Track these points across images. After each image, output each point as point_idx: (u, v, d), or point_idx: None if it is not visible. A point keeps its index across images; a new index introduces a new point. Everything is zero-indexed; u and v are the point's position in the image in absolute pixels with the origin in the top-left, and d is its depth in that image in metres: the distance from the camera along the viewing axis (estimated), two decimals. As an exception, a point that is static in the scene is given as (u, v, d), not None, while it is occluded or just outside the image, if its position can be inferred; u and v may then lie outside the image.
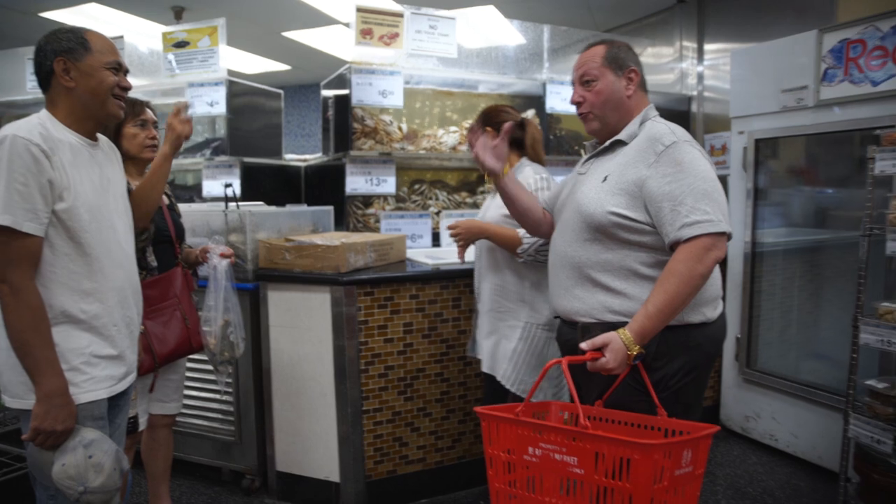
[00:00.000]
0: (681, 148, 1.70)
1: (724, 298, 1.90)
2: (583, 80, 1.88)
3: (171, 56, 4.13)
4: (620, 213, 1.73)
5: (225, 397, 3.02)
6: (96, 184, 1.78)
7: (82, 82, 1.71)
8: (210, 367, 3.02)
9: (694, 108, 4.86)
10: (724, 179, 3.69)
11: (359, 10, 3.57)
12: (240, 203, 3.19)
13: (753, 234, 3.51)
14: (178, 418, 3.09)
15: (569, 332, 1.89)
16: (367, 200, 3.85)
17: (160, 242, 2.38)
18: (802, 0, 4.12)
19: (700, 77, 4.86)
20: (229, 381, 2.98)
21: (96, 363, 1.72)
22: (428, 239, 3.74)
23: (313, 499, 2.92)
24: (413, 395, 2.89)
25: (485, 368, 2.48)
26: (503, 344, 2.40)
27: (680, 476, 1.39)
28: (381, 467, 2.88)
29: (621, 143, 1.83)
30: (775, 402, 3.42)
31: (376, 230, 3.72)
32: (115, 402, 1.85)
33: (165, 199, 2.53)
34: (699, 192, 1.64)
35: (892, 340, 2.36)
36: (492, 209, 2.48)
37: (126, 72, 1.82)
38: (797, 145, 3.43)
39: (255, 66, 7.26)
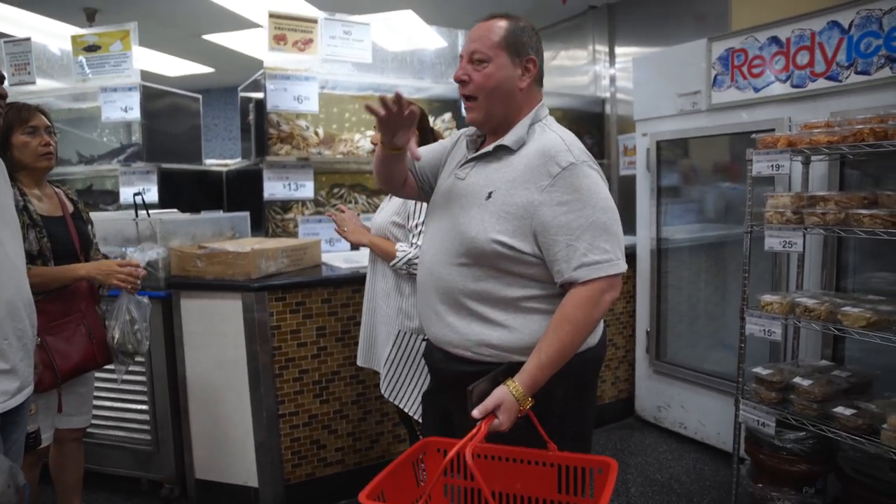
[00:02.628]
0: (579, 171, 1.51)
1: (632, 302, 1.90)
2: (473, 57, 1.59)
3: (82, 60, 4.03)
4: (506, 243, 1.53)
5: (138, 399, 2.99)
6: None
7: None
8: (123, 377, 2.99)
9: (607, 109, 5.04)
10: (632, 179, 3.87)
11: (271, 15, 3.58)
12: (151, 211, 3.16)
13: (658, 231, 3.69)
14: (92, 429, 3.05)
15: (440, 359, 1.72)
16: (286, 205, 3.86)
17: (61, 257, 2.30)
18: (701, 6, 4.34)
19: (612, 80, 5.05)
20: (141, 382, 2.96)
21: None
22: (346, 243, 3.76)
23: (233, 504, 2.93)
24: (329, 398, 2.93)
25: (361, 363, 2.57)
26: (381, 351, 2.45)
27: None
28: (300, 470, 2.91)
29: (508, 151, 1.60)
30: (683, 391, 3.61)
31: (295, 235, 3.74)
32: (10, 418, 1.81)
33: (70, 206, 2.46)
34: (599, 227, 1.49)
35: (772, 329, 2.53)
36: (384, 212, 2.50)
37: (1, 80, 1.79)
38: (698, 146, 3.63)
39: (177, 68, 7.12)
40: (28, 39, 4.18)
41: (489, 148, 1.64)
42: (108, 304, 2.44)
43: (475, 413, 1.43)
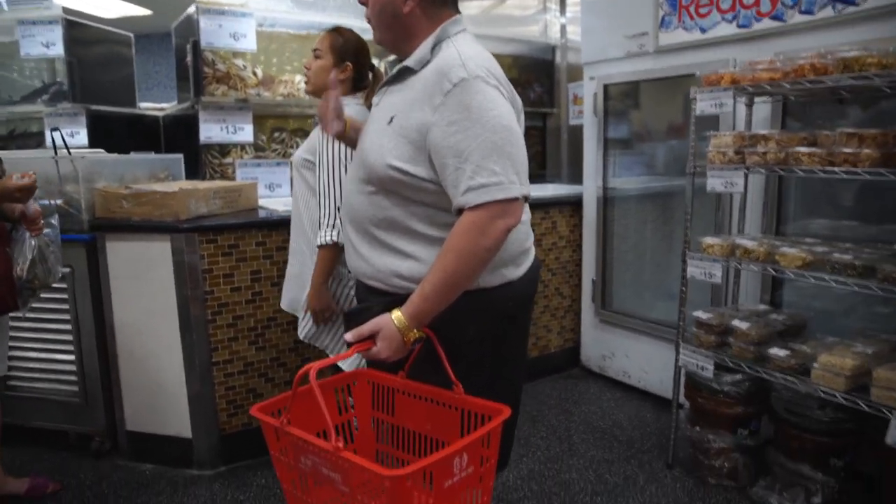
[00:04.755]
0: (471, 87, 1.38)
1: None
2: None
3: (-3, -11, 3.76)
4: (401, 168, 1.45)
5: (63, 349, 2.86)
6: None
7: None
8: (44, 326, 2.86)
9: (558, 58, 4.95)
10: (581, 129, 3.82)
11: (203, -56, 3.36)
12: (73, 150, 2.97)
13: (605, 179, 3.66)
14: (14, 381, 2.92)
15: (360, 291, 1.69)
16: (224, 149, 3.70)
17: None
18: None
19: (563, 28, 4.95)
20: (66, 331, 2.82)
21: None
22: (287, 188, 3.65)
23: (166, 457, 2.83)
24: (265, 345, 2.84)
25: (285, 307, 2.50)
26: (302, 288, 2.32)
27: (453, 485, 1.23)
28: (236, 420, 2.83)
29: (410, 72, 1.52)
30: (628, 340, 3.63)
31: (234, 180, 3.59)
32: None
33: None
34: (488, 147, 1.36)
35: (712, 272, 2.53)
36: (300, 148, 2.36)
37: None
38: (647, 91, 3.58)
39: (110, 9, 6.72)
40: (-62, -32, 3.87)
41: (394, 71, 1.57)
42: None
43: (347, 336, 1.39)
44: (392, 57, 1.62)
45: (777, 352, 2.31)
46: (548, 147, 5.07)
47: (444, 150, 1.39)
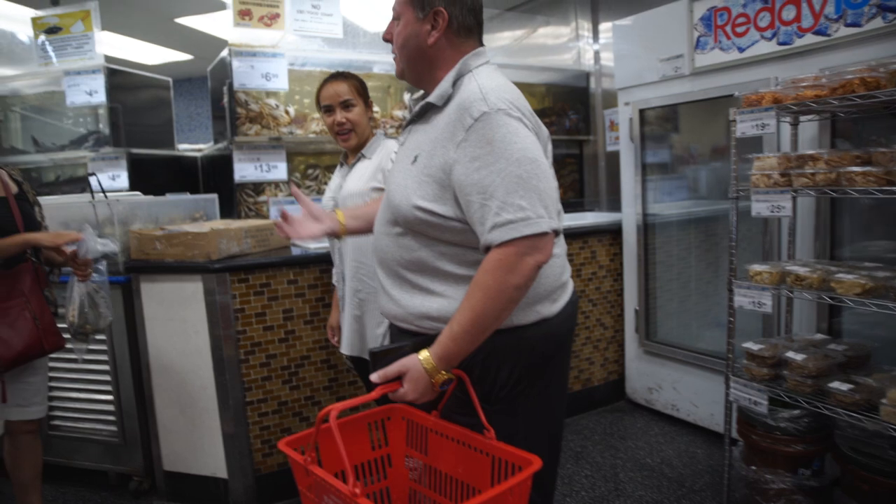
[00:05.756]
0: (493, 121, 1.33)
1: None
2: (393, 14, 1.54)
3: (44, 42, 3.89)
4: (427, 209, 1.41)
5: (102, 389, 2.87)
6: None
7: None
8: (84, 367, 2.88)
9: (592, 84, 4.89)
10: (619, 155, 3.72)
11: (235, -11, 3.43)
12: (113, 194, 3.03)
13: (644, 205, 3.54)
14: (57, 421, 2.95)
15: (393, 334, 1.65)
16: (259, 188, 3.72)
17: (4, 235, 2.20)
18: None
19: (596, 55, 4.89)
20: (104, 371, 2.83)
21: None
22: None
23: (203, 497, 2.80)
24: (299, 384, 2.80)
25: (351, 352, 2.35)
26: (369, 328, 2.28)
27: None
28: (271, 460, 2.78)
29: (433, 108, 1.49)
30: (675, 372, 3.48)
31: (268, 218, 3.60)
32: None
33: (14, 187, 2.36)
34: (513, 181, 1.30)
35: (761, 302, 2.39)
36: (355, 179, 2.31)
37: None
38: (685, 114, 3.48)
39: (154, 56, 6.97)
40: (-12, 24, 4.05)
41: (417, 109, 1.54)
42: (62, 290, 2.33)
43: (373, 377, 1.34)
44: (420, 92, 1.62)
45: (839, 386, 2.14)
46: (585, 175, 4.98)
47: (469, 187, 1.35)
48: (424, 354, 1.34)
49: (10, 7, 5.07)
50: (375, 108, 3.88)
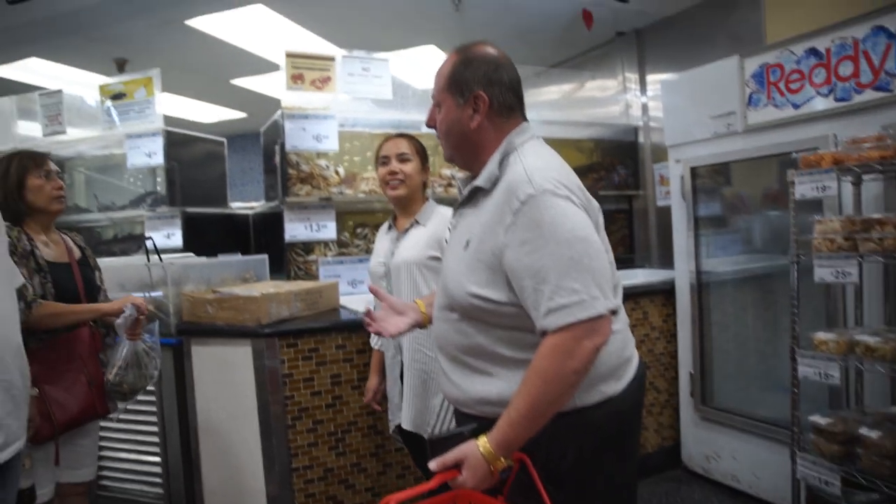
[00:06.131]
0: (540, 202, 1.32)
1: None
2: (433, 102, 1.57)
3: (109, 107, 4.07)
4: (481, 295, 1.41)
5: (150, 450, 2.88)
6: None
7: None
8: (133, 427, 2.91)
9: (641, 138, 4.84)
10: (670, 210, 3.65)
11: (288, 55, 3.53)
12: (168, 256, 3.10)
13: (698, 263, 3.44)
14: (105, 482, 2.97)
15: (459, 419, 1.62)
16: (308, 247, 3.76)
17: (65, 303, 2.26)
18: (734, 26, 4.14)
19: (644, 108, 4.86)
20: (153, 432, 2.85)
21: None
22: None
23: (247, 563, 2.76)
24: (346, 451, 2.76)
25: (416, 429, 2.25)
26: (432, 400, 2.21)
27: None
28: (316, 527, 2.73)
29: (482, 192, 1.48)
30: (734, 440, 3.29)
31: (317, 277, 3.62)
32: None
33: (77, 253, 2.43)
34: (565, 263, 1.29)
35: (829, 373, 2.26)
36: (409, 246, 2.29)
37: None
38: (737, 171, 3.40)
39: (210, 114, 7.24)
40: (60, 91, 4.28)
41: (466, 192, 1.55)
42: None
43: (432, 465, 1.32)
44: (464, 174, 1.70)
45: (920, 467, 1.99)
46: (636, 230, 4.90)
47: (521, 272, 1.34)
48: (483, 441, 1.32)
49: (80, 74, 5.37)
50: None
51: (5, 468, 1.74)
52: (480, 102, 1.48)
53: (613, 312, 1.35)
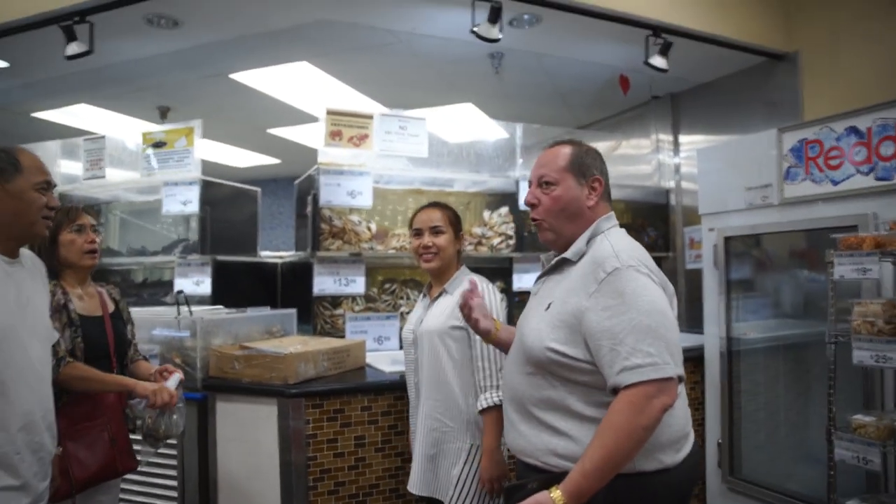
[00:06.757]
0: (623, 276, 1.51)
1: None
2: (541, 181, 1.72)
3: (150, 155, 4.17)
4: (558, 350, 1.56)
5: (170, 499, 2.86)
6: (10, 303, 1.74)
7: (10, 204, 1.70)
8: (152, 480, 2.89)
9: (672, 200, 4.82)
10: (699, 273, 3.61)
11: (329, 112, 3.61)
12: (199, 307, 3.13)
13: (728, 331, 3.37)
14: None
15: (519, 469, 1.73)
16: (336, 300, 3.77)
17: (94, 357, 2.27)
18: (771, 95, 4.15)
19: (677, 169, 4.85)
20: (172, 487, 2.83)
21: None
22: (395, 341, 3.63)
23: None
24: (367, 513, 2.72)
25: (421, 492, 2.26)
26: (444, 467, 2.21)
27: None
28: None
29: (569, 262, 1.68)
30: (764, 514, 3.18)
31: (344, 332, 3.62)
32: None
33: (111, 306, 2.46)
34: (642, 330, 1.45)
35: (868, 458, 2.19)
36: (434, 316, 2.30)
37: (54, 187, 1.82)
38: (772, 239, 3.35)
39: (245, 160, 7.41)
40: (103, 137, 4.39)
41: (552, 262, 1.75)
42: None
43: None
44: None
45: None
46: (665, 293, 4.84)
47: (600, 334, 1.49)
48: (556, 492, 1.42)
49: (124, 119, 5.55)
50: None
51: (30, 528, 1.75)
52: (597, 184, 1.71)
53: (681, 379, 1.49)
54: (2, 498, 1.64)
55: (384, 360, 3.15)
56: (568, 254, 1.68)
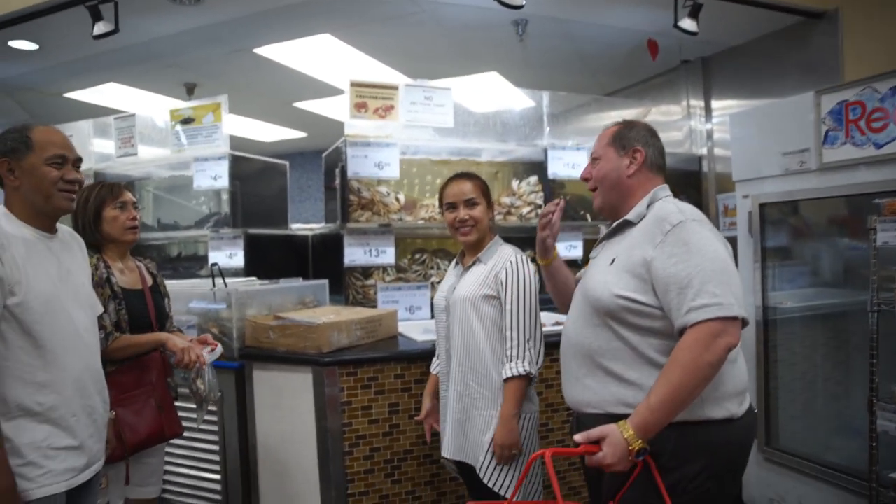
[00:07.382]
0: (688, 227, 1.62)
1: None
2: (592, 158, 1.91)
3: (178, 131, 4.21)
4: (628, 297, 1.64)
5: (211, 468, 2.96)
6: (53, 275, 1.79)
7: (26, 180, 1.75)
8: (195, 445, 2.97)
9: (705, 167, 4.74)
10: (734, 240, 3.55)
11: (353, 84, 3.59)
12: (233, 279, 3.18)
13: (764, 299, 3.32)
14: (168, 495, 3.05)
15: (586, 424, 1.74)
16: (367, 271, 3.80)
17: (138, 328, 2.35)
18: (808, 56, 4.02)
19: (709, 135, 4.76)
20: (214, 451, 2.92)
21: (54, 455, 1.70)
22: (427, 310, 3.65)
23: (300, 588, 2.78)
24: (401, 478, 2.76)
25: (454, 455, 2.29)
26: (474, 433, 2.22)
27: None
28: (370, 555, 2.73)
29: (630, 224, 1.79)
30: (801, 485, 3.15)
31: (375, 302, 3.65)
32: (79, 493, 1.80)
33: (150, 280, 2.52)
34: (707, 273, 1.54)
35: (910, 426, 2.16)
36: (466, 285, 2.29)
37: (77, 162, 1.84)
38: (810, 206, 3.28)
39: (272, 134, 7.44)
40: (133, 115, 4.44)
41: (614, 225, 1.85)
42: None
43: (577, 437, 1.54)
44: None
45: None
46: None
47: (667, 279, 1.58)
48: (623, 424, 1.51)
49: (152, 97, 5.60)
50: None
51: (86, 486, 1.84)
52: (638, 155, 1.81)
53: (744, 323, 1.54)
54: (62, 457, 1.72)
55: (416, 329, 3.17)
56: (630, 216, 1.78)
